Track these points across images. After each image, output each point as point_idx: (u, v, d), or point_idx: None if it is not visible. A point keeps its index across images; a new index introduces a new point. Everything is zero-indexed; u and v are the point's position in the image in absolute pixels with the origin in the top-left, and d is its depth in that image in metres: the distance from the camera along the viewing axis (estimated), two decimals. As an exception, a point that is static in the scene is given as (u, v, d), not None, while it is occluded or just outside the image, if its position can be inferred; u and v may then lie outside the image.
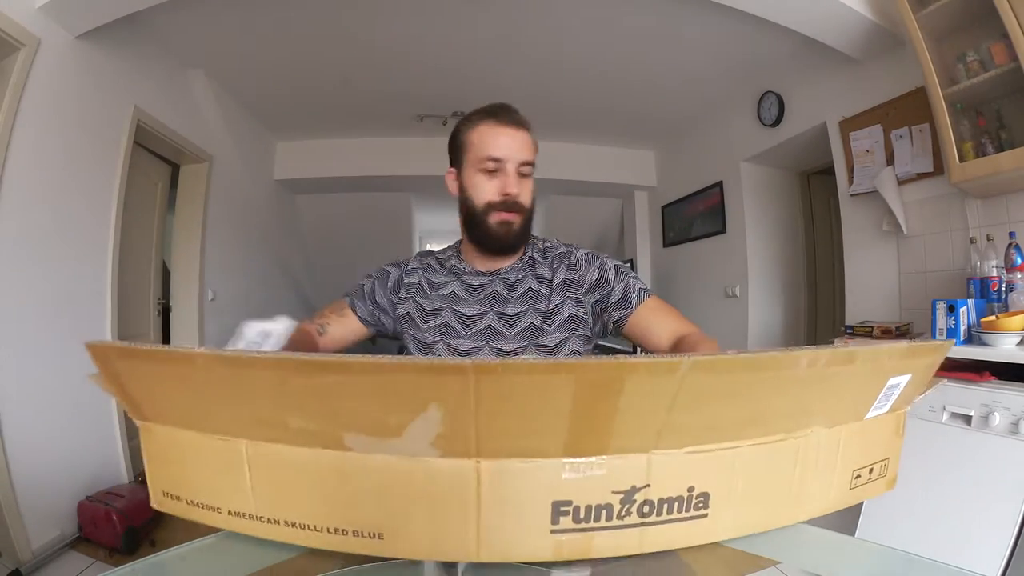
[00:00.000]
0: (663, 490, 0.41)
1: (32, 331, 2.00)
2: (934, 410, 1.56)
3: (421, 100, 3.57)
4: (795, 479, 0.46)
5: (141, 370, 0.43)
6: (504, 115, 0.90)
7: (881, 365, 0.46)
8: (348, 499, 0.41)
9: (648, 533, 0.41)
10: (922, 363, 0.50)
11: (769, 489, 0.45)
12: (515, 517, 0.39)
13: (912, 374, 0.49)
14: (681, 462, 0.41)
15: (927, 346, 0.50)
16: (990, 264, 1.79)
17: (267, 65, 3.04)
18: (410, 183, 4.65)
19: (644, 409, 0.37)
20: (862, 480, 0.50)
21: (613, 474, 0.39)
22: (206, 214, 3.27)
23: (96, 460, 2.31)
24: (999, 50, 1.73)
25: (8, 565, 1.76)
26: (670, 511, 0.41)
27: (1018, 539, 1.35)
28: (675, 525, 0.42)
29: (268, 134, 4.13)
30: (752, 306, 3.41)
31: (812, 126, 2.81)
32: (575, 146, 4.36)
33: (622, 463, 0.39)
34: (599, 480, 0.39)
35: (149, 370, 0.42)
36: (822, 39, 2.34)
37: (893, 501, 1.65)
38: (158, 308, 3.21)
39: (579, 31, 2.70)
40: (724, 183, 3.61)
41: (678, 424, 0.39)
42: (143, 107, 2.57)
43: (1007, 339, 1.52)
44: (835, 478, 0.48)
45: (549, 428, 0.37)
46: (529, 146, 0.92)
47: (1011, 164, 1.71)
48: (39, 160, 2.00)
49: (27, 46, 1.88)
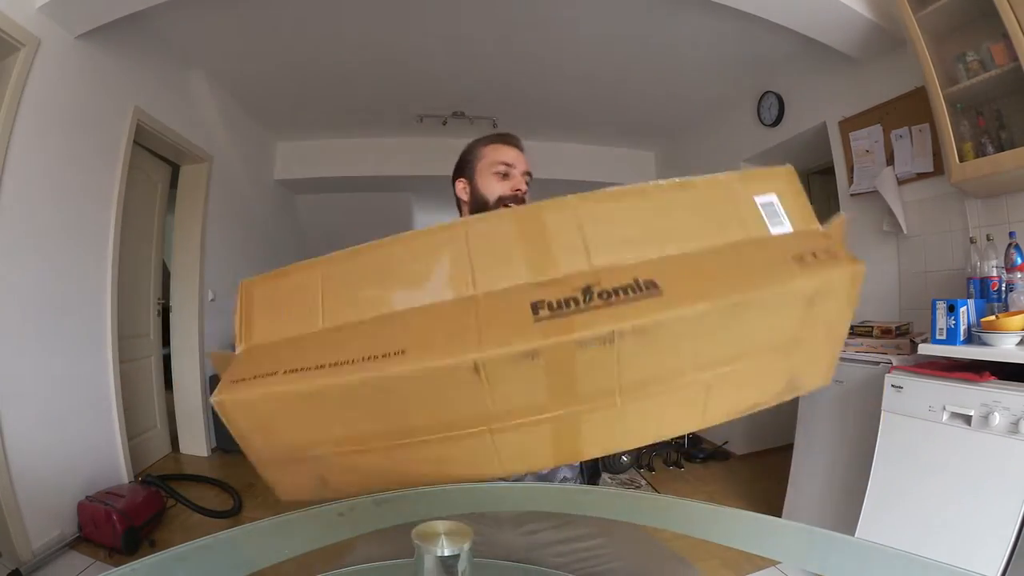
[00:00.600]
0: (613, 282, 0.51)
1: (32, 331, 2.00)
2: (934, 410, 1.56)
3: (421, 100, 3.57)
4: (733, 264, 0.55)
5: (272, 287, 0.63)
6: (511, 138, 1.10)
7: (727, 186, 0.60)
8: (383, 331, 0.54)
9: (616, 312, 0.49)
10: (775, 186, 0.61)
11: (712, 272, 0.54)
12: (505, 316, 0.51)
13: (776, 193, 0.60)
14: (617, 267, 0.53)
15: (761, 170, 0.62)
16: (990, 264, 1.79)
17: (267, 65, 3.04)
18: (410, 183, 4.65)
19: (570, 235, 0.55)
20: (808, 261, 0.55)
21: (568, 282, 0.52)
22: (206, 214, 3.27)
23: (96, 460, 2.31)
24: (999, 50, 1.73)
25: (8, 565, 1.76)
26: (626, 293, 0.51)
27: (1018, 539, 1.35)
28: (636, 303, 0.50)
29: (268, 134, 4.14)
30: (752, 306, 3.41)
31: (812, 126, 2.81)
32: (575, 146, 4.37)
33: (574, 272, 0.53)
34: (558, 285, 0.52)
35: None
36: (822, 39, 2.34)
37: (893, 501, 1.65)
38: (158, 308, 3.22)
39: (579, 31, 2.70)
40: (724, 183, 3.61)
41: (599, 240, 0.55)
42: (143, 107, 2.57)
43: (1007, 339, 1.52)
44: (776, 259, 0.56)
45: (514, 259, 0.55)
46: (527, 162, 1.10)
47: (1011, 164, 1.71)
48: (39, 160, 2.00)
49: (27, 46, 1.89)
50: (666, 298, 0.50)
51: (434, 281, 0.55)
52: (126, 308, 2.64)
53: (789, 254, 0.56)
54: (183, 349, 3.27)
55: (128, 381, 2.62)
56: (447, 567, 0.44)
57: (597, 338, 0.48)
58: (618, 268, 0.53)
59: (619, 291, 0.51)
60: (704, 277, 0.53)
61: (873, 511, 1.69)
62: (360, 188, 4.72)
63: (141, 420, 2.94)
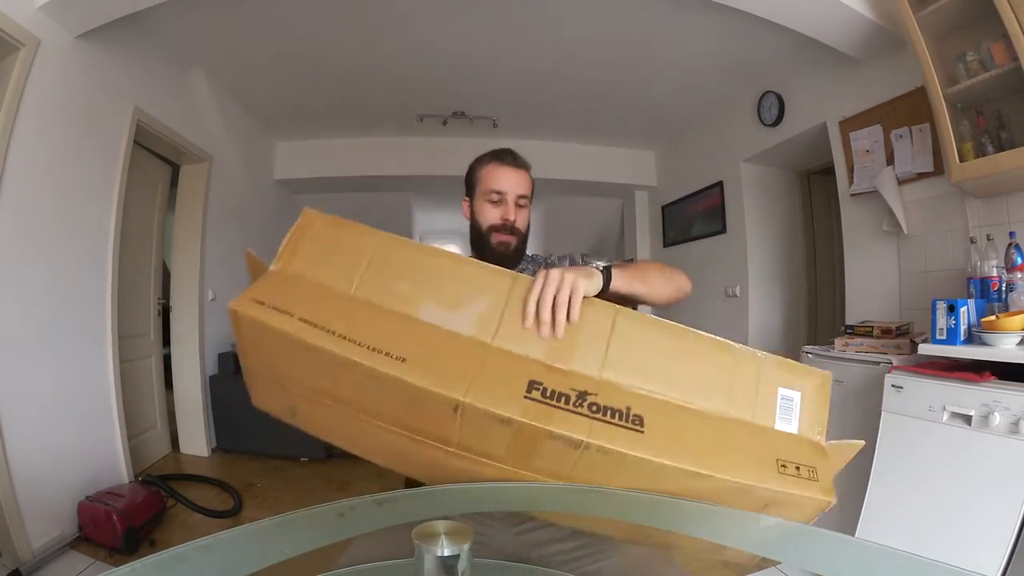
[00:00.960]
0: (608, 401, 0.55)
1: (32, 331, 2.00)
2: (934, 410, 1.56)
3: (421, 100, 3.57)
4: (718, 438, 0.58)
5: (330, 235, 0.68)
6: (507, 157, 1.12)
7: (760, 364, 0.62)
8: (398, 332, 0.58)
9: (595, 427, 0.53)
10: (805, 384, 0.63)
11: (695, 435, 0.57)
12: (503, 379, 0.55)
13: (801, 393, 0.62)
14: (620, 389, 0.58)
15: (801, 366, 0.64)
16: (990, 264, 1.79)
17: (267, 65, 3.04)
18: (410, 183, 4.65)
19: (596, 340, 0.60)
20: (789, 471, 0.57)
21: (571, 378, 0.57)
22: (206, 214, 3.27)
23: (96, 460, 2.31)
24: (999, 50, 1.73)
25: (8, 565, 1.76)
26: (613, 417, 0.54)
27: (1018, 539, 1.35)
28: (617, 429, 0.54)
29: (268, 134, 4.13)
30: (752, 306, 3.41)
31: (812, 126, 2.81)
32: (576, 146, 4.36)
33: (581, 374, 0.58)
34: (562, 376, 0.57)
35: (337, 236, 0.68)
36: (822, 39, 2.34)
37: (893, 501, 1.65)
38: (158, 308, 3.22)
39: (579, 31, 2.70)
40: (724, 183, 3.61)
41: (617, 357, 0.59)
42: (143, 107, 2.57)
43: (1007, 339, 1.52)
44: (761, 453, 0.58)
45: (538, 342, 0.60)
46: (526, 183, 1.12)
47: (1011, 164, 1.71)
48: (39, 160, 2.00)
49: (27, 46, 1.89)
50: (644, 438, 0.54)
51: (463, 313, 0.60)
52: (126, 308, 2.64)
53: (775, 456, 0.57)
54: (183, 349, 3.27)
55: (128, 381, 2.62)
56: (447, 567, 0.44)
57: (567, 439, 0.52)
58: (619, 390, 0.58)
59: (608, 411, 0.55)
60: (684, 438, 0.56)
61: (873, 511, 1.69)
62: (360, 188, 4.72)
63: (141, 420, 2.94)
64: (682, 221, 4.16)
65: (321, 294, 0.62)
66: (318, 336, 0.56)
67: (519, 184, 1.11)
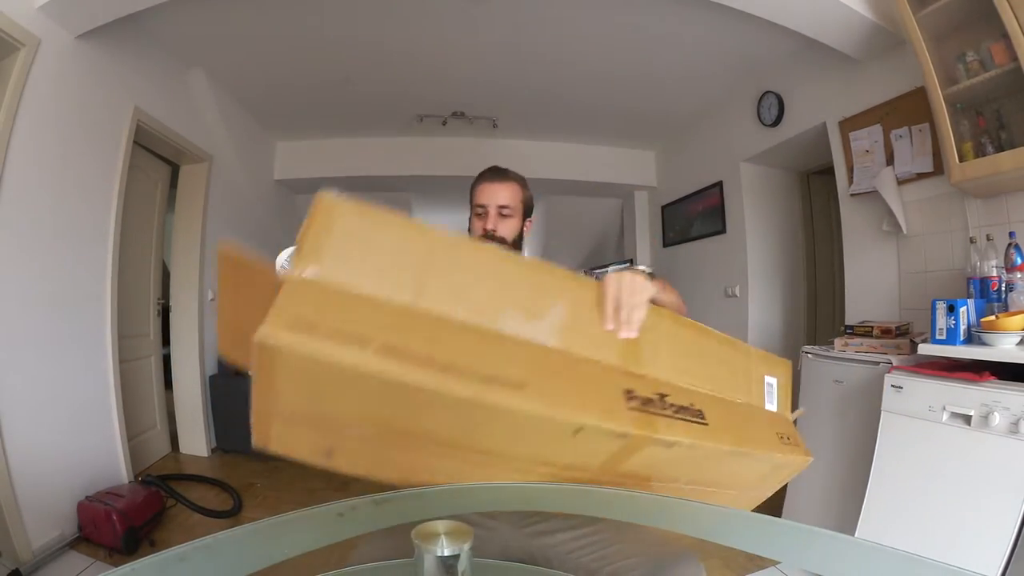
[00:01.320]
0: (678, 399, 0.61)
1: (32, 331, 2.00)
2: (934, 410, 1.56)
3: (421, 100, 3.57)
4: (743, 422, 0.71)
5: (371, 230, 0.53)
6: (491, 174, 1.19)
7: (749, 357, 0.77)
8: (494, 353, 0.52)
9: (680, 426, 0.58)
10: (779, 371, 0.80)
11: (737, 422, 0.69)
12: (602, 390, 0.56)
13: (778, 379, 0.79)
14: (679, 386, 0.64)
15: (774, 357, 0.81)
16: (990, 264, 1.79)
17: (267, 65, 3.04)
18: (410, 183, 4.64)
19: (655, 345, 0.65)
20: (784, 442, 0.73)
21: (649, 381, 0.61)
22: (206, 214, 3.27)
23: (96, 460, 2.31)
24: (999, 50, 1.73)
25: (8, 565, 1.76)
26: (686, 414, 0.60)
27: (1018, 539, 1.35)
28: (691, 424, 0.59)
29: (268, 134, 4.13)
30: (752, 306, 3.41)
31: (812, 126, 2.81)
32: (575, 146, 4.36)
33: (652, 375, 0.62)
34: (642, 380, 0.60)
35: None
36: (822, 39, 2.34)
37: (893, 501, 1.65)
38: (158, 308, 3.22)
39: (579, 31, 2.70)
40: (724, 183, 3.61)
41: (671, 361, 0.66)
42: (143, 107, 2.57)
43: (1007, 339, 1.52)
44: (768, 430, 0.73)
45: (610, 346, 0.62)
46: (509, 193, 1.15)
47: (1011, 164, 1.71)
48: (39, 160, 2.00)
49: (27, 46, 1.89)
50: (710, 430, 0.61)
51: (547, 322, 0.57)
52: (126, 308, 2.64)
53: (775, 431, 0.73)
54: (183, 349, 3.27)
55: (128, 381, 2.62)
56: (447, 567, 0.44)
57: (665, 441, 0.56)
58: (678, 387, 0.64)
59: (683, 409, 0.61)
60: (730, 426, 0.66)
61: (873, 511, 1.69)
62: (360, 188, 4.71)
63: (141, 420, 2.94)
64: (682, 221, 4.16)
65: (383, 310, 0.48)
66: (414, 374, 0.44)
67: (501, 195, 1.15)
